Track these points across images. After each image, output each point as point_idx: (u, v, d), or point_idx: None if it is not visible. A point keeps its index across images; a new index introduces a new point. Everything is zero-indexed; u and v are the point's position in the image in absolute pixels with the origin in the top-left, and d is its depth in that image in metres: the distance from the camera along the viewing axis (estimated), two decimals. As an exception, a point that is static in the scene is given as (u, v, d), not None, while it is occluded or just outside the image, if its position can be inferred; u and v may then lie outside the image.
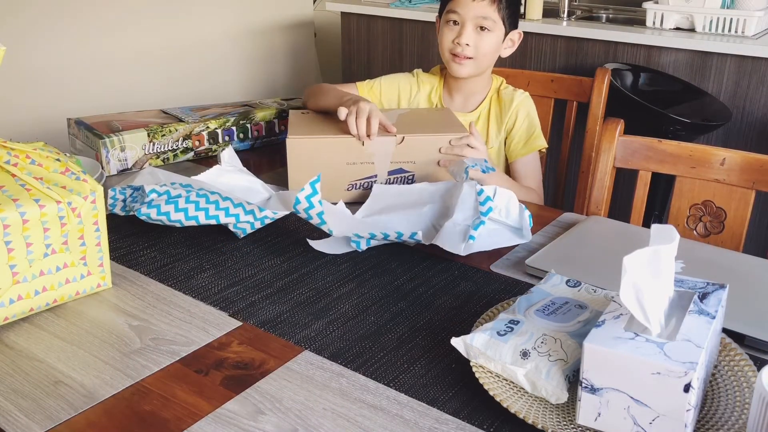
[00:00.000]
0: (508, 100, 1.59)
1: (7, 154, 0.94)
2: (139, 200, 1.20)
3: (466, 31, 1.49)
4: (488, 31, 1.49)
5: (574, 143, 1.81)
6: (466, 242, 1.08)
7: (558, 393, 0.76)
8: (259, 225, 1.16)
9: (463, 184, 1.15)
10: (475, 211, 1.13)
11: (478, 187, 1.13)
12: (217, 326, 0.94)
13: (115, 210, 1.24)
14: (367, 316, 0.97)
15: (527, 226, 1.17)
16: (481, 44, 1.50)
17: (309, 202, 1.08)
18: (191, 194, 1.16)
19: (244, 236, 1.18)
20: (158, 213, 1.14)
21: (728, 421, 0.74)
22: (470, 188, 1.14)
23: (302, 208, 1.08)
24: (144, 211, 1.14)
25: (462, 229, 1.11)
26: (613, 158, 1.39)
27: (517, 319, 0.84)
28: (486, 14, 1.48)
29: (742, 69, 2.35)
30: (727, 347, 0.84)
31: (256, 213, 1.15)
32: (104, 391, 0.81)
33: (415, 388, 0.82)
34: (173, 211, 1.14)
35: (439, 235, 1.10)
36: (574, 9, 2.96)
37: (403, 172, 1.33)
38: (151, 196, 1.15)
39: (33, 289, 0.93)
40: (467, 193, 1.14)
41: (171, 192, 1.15)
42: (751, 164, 1.29)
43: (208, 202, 1.15)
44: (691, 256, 1.06)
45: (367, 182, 1.33)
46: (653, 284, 0.73)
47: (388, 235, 1.11)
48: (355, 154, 1.30)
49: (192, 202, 1.15)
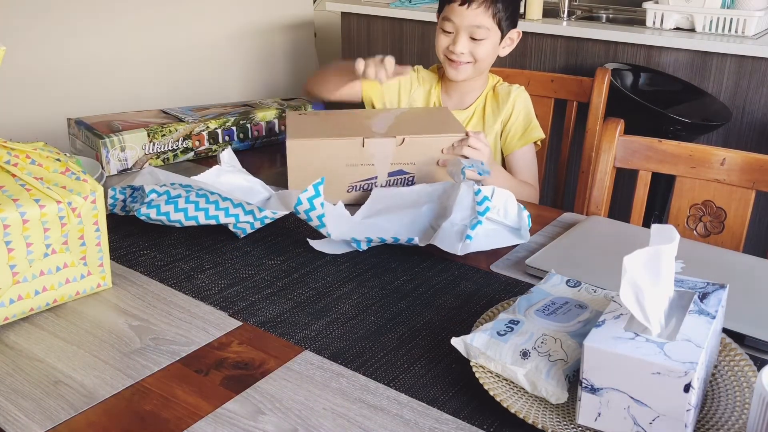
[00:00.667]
0: (505, 93, 1.60)
1: (7, 154, 0.94)
2: (138, 200, 1.20)
3: (460, 40, 1.49)
4: (483, 39, 1.49)
5: (574, 143, 1.81)
6: (463, 242, 1.08)
7: (558, 393, 0.76)
8: (259, 225, 1.16)
9: (461, 184, 1.15)
10: (472, 210, 1.13)
11: (476, 187, 1.13)
12: (217, 326, 0.94)
13: (115, 210, 1.24)
14: (367, 316, 0.97)
15: (526, 226, 1.17)
16: (477, 51, 1.50)
17: (311, 203, 1.08)
18: (191, 194, 1.16)
19: (244, 236, 1.18)
20: (158, 213, 1.14)
21: (728, 421, 0.74)
22: (468, 188, 1.14)
23: (303, 210, 1.08)
24: (144, 211, 1.14)
25: (459, 229, 1.11)
26: (613, 158, 1.39)
27: (517, 319, 0.84)
28: (480, 23, 1.47)
29: (742, 69, 2.35)
30: (727, 347, 0.84)
31: (255, 213, 1.15)
32: (104, 391, 0.81)
33: (415, 388, 0.82)
34: (173, 211, 1.14)
35: (436, 235, 1.10)
36: (574, 9, 2.96)
37: (403, 174, 1.33)
38: (150, 197, 1.15)
39: (33, 289, 0.93)
40: (464, 193, 1.14)
41: (171, 192, 1.16)
42: (751, 164, 1.29)
43: (208, 202, 1.15)
44: (691, 256, 1.06)
45: (367, 184, 1.32)
46: (653, 284, 0.73)
47: (385, 240, 1.11)
48: (355, 155, 1.30)
49: (192, 202, 1.15)
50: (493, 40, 1.51)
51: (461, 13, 1.47)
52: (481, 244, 1.11)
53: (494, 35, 1.51)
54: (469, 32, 1.48)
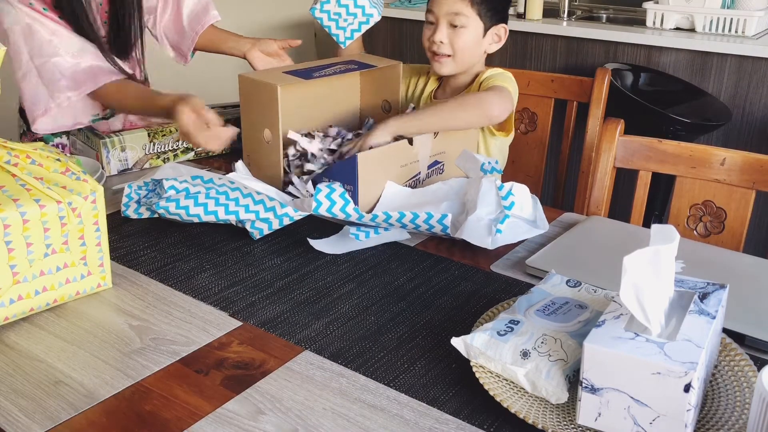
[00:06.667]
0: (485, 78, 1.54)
1: (7, 154, 0.94)
2: (157, 194, 1.20)
3: (439, 29, 1.50)
4: (462, 27, 1.49)
5: (574, 143, 1.81)
6: (493, 236, 1.11)
7: (558, 393, 0.76)
8: (277, 225, 1.16)
9: (482, 180, 1.16)
10: (497, 205, 1.15)
11: (498, 182, 1.15)
12: (218, 326, 0.94)
13: (127, 212, 1.23)
14: (367, 316, 0.97)
15: (542, 216, 1.19)
16: (456, 40, 1.50)
17: (330, 200, 1.10)
18: (211, 191, 1.16)
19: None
20: (177, 207, 1.15)
21: (728, 421, 0.74)
22: (490, 183, 1.16)
23: (324, 210, 1.11)
24: (162, 205, 1.14)
25: (486, 224, 1.13)
26: (613, 158, 1.39)
27: (518, 319, 0.84)
28: (457, 10, 1.48)
29: (742, 69, 2.35)
30: (727, 347, 0.84)
31: (277, 209, 1.14)
32: (104, 391, 0.81)
33: (415, 388, 0.82)
34: (192, 206, 1.15)
35: (463, 229, 1.11)
36: (574, 9, 2.96)
37: (437, 164, 1.36)
38: (169, 192, 1.15)
39: (33, 289, 0.93)
40: (487, 188, 1.16)
41: (190, 189, 1.16)
42: (751, 164, 1.29)
43: (228, 198, 1.15)
44: (692, 256, 1.06)
45: (413, 181, 1.33)
46: (653, 284, 0.73)
47: (418, 215, 1.12)
48: (404, 156, 1.30)
49: (212, 198, 1.15)
50: (473, 30, 1.50)
51: (439, 2, 1.50)
52: (507, 238, 1.13)
53: (474, 25, 1.50)
54: (448, 20, 1.49)
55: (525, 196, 1.17)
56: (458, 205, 1.20)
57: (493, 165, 1.23)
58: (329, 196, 1.12)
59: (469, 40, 1.50)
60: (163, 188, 1.17)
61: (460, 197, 1.22)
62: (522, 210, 1.17)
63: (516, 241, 1.15)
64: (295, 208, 1.15)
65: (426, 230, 1.14)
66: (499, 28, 1.54)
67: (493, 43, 1.55)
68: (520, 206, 1.17)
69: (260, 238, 1.17)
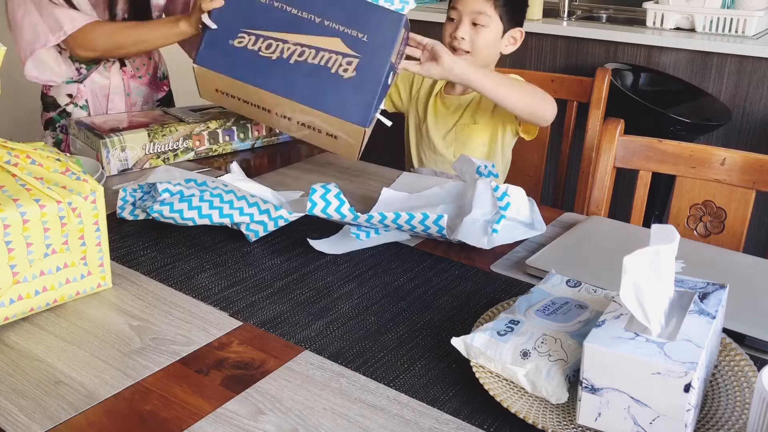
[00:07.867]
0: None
1: (7, 154, 0.94)
2: (151, 198, 1.20)
3: (462, 25, 1.53)
4: (484, 26, 1.52)
5: (574, 143, 1.81)
6: (489, 236, 1.11)
7: (558, 393, 0.76)
8: (272, 227, 1.15)
9: (477, 182, 1.17)
10: (493, 206, 1.15)
11: (494, 184, 1.15)
12: (218, 326, 0.94)
13: (123, 214, 1.23)
14: (367, 316, 0.97)
15: (539, 218, 1.19)
16: (477, 39, 1.53)
17: (325, 200, 1.10)
18: (205, 193, 1.16)
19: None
20: (171, 210, 1.14)
21: (728, 421, 0.74)
22: (485, 185, 1.16)
23: (319, 210, 1.10)
24: (156, 209, 1.14)
25: (482, 225, 1.13)
26: (613, 158, 1.39)
27: (518, 319, 0.84)
28: (481, 9, 1.51)
29: (742, 69, 2.35)
30: (727, 347, 0.84)
31: (271, 212, 1.14)
32: (104, 391, 0.81)
33: (415, 388, 0.82)
34: (186, 209, 1.14)
35: (459, 230, 1.12)
36: (574, 9, 2.96)
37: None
38: (163, 196, 1.15)
39: (33, 289, 0.93)
40: (483, 190, 1.16)
41: (184, 192, 1.16)
42: (752, 164, 1.29)
43: (222, 201, 1.15)
44: (692, 256, 1.06)
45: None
46: (653, 284, 0.73)
47: (414, 216, 1.12)
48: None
49: (206, 201, 1.15)
50: (494, 30, 1.53)
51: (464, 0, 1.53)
52: (504, 238, 1.14)
53: (495, 25, 1.53)
54: (471, 18, 1.52)
55: (521, 199, 1.17)
56: (454, 208, 1.21)
57: (489, 169, 1.24)
58: (324, 196, 1.11)
59: (489, 39, 1.54)
60: (157, 191, 1.16)
61: (456, 201, 1.22)
62: (519, 213, 1.17)
63: (512, 242, 1.15)
64: (289, 210, 1.15)
65: (422, 231, 1.14)
66: (515, 32, 1.58)
67: (509, 45, 1.59)
68: (517, 209, 1.17)
69: (260, 238, 1.17)
